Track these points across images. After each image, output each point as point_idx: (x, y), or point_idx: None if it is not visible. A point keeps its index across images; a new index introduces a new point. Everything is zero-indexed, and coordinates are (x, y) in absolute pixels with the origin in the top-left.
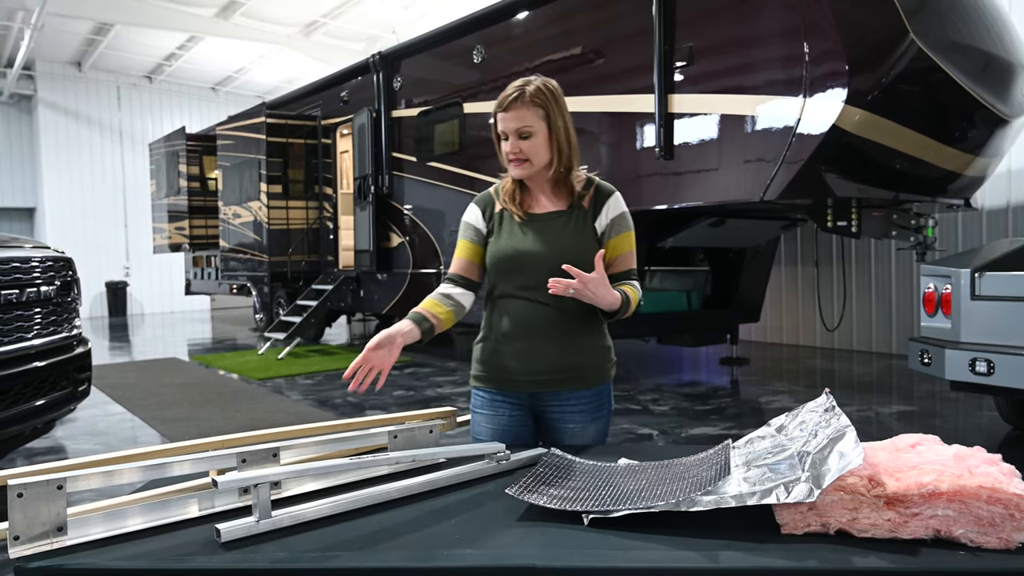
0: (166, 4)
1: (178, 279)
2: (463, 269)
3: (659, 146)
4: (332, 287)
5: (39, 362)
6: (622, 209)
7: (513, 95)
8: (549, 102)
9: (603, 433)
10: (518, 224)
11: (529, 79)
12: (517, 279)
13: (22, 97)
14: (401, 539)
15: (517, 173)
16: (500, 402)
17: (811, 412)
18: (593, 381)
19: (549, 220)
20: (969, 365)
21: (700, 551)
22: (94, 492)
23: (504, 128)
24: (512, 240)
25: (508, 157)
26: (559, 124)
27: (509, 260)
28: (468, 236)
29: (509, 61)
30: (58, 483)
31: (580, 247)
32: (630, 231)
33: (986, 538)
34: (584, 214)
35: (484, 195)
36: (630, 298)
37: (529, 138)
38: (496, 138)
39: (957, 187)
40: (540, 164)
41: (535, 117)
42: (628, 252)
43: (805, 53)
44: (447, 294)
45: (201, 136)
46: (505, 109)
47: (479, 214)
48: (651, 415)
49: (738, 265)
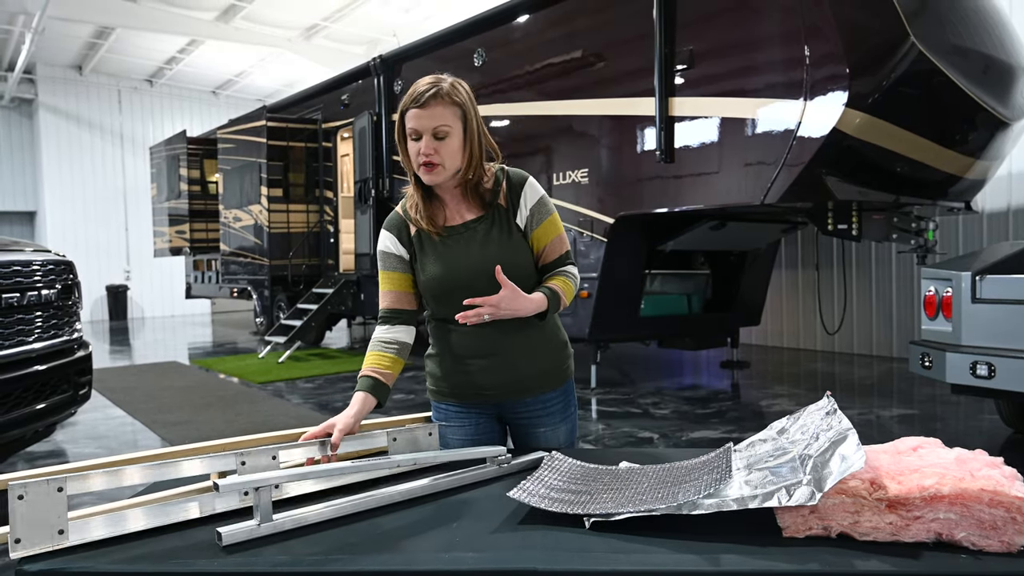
0: (167, 8)
1: (179, 283)
2: (395, 302)
3: (660, 149)
4: (333, 291)
5: (40, 366)
6: (539, 195)
7: (430, 91)
8: (466, 101)
9: (573, 433)
10: (439, 242)
11: (442, 76)
12: (454, 302)
13: (23, 101)
14: (402, 542)
15: (428, 179)
16: (465, 414)
17: (812, 415)
18: (558, 381)
19: (469, 231)
20: (970, 368)
21: (702, 554)
22: (95, 495)
23: (417, 126)
24: (437, 264)
25: (420, 160)
26: (474, 126)
27: (440, 286)
28: (390, 266)
29: (510, 64)
30: (58, 485)
31: (509, 252)
32: (552, 215)
33: (988, 541)
34: (504, 213)
35: (392, 218)
36: (557, 292)
37: (445, 139)
38: (401, 139)
39: (958, 190)
40: (453, 169)
41: (452, 116)
42: (556, 238)
43: (806, 56)
44: (386, 340)
45: (202, 140)
46: (421, 106)
47: (394, 240)
48: (652, 419)
49: (739, 268)
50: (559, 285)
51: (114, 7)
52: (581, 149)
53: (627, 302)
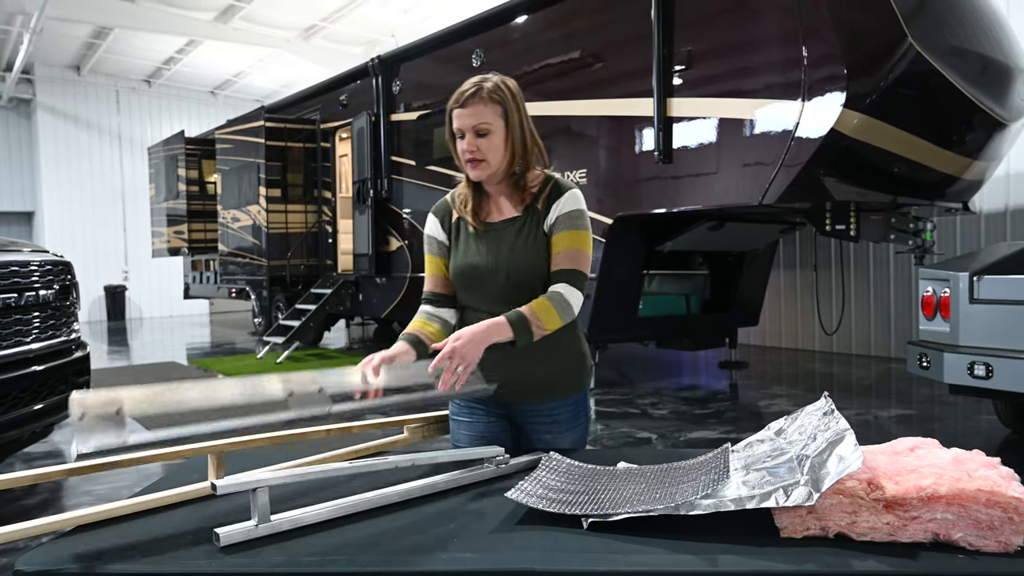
0: (165, 8)
1: (177, 283)
2: (437, 286)
3: (658, 150)
4: (331, 291)
5: (37, 366)
6: (575, 207)
7: (470, 91)
8: (508, 99)
9: (581, 442)
10: (473, 235)
11: (487, 76)
12: (476, 294)
13: (21, 101)
14: (400, 543)
15: (474, 174)
16: (477, 409)
17: (810, 416)
18: (568, 391)
19: (503, 229)
20: (968, 369)
21: (699, 555)
22: (94, 496)
23: (460, 125)
24: (467, 254)
25: (464, 156)
26: (516, 122)
27: (466, 276)
28: (433, 250)
29: (508, 65)
30: (117, 407)
31: (531, 257)
32: (579, 230)
33: (985, 541)
34: (537, 216)
35: (441, 203)
36: (525, 316)
37: (486, 136)
38: (450, 137)
39: (955, 191)
40: (497, 165)
41: (493, 114)
42: (568, 250)
43: (803, 57)
44: (431, 313)
45: (200, 140)
46: (462, 105)
47: (438, 225)
48: (650, 419)
49: (737, 269)
50: (534, 309)
51: (112, 7)
52: (579, 149)
53: (625, 302)
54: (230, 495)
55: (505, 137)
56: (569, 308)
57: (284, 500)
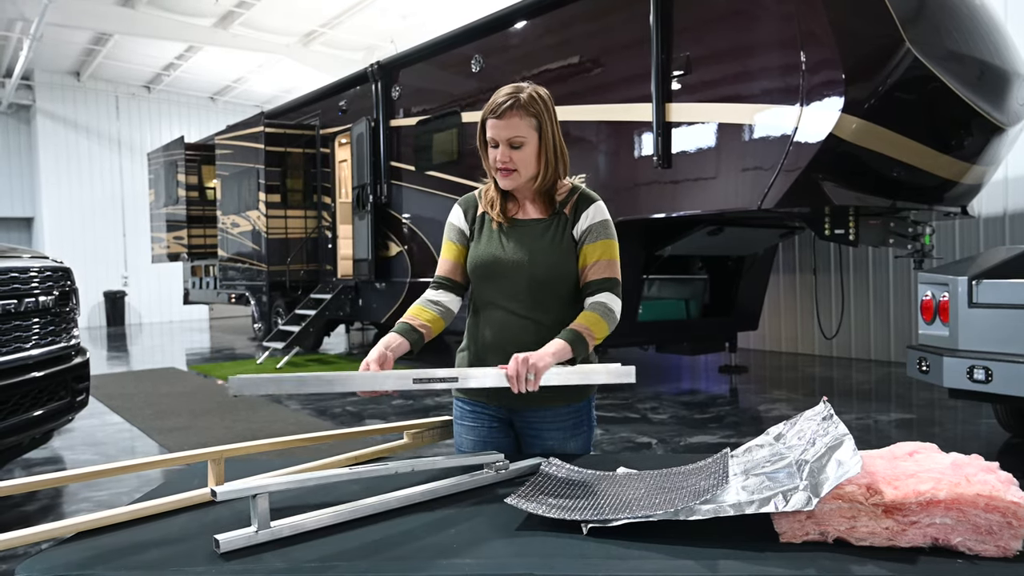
0: (165, 14)
1: (176, 289)
2: (449, 271)
3: (657, 155)
4: (331, 296)
5: (37, 372)
6: (603, 217)
7: (507, 103)
8: (542, 111)
9: (584, 449)
10: (497, 230)
11: (521, 86)
12: (495, 287)
13: (21, 107)
14: (400, 549)
15: (505, 184)
16: (481, 413)
17: (809, 420)
18: (572, 398)
19: (529, 227)
20: (967, 373)
21: (699, 560)
22: (94, 503)
23: (495, 136)
24: (490, 246)
25: (496, 166)
26: (549, 134)
27: (487, 267)
28: (452, 237)
29: (507, 70)
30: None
31: (558, 256)
32: (609, 240)
33: (984, 546)
34: (564, 222)
35: (468, 196)
36: (581, 333)
37: (520, 148)
38: (482, 144)
39: (954, 195)
40: (528, 175)
41: (528, 127)
42: (602, 260)
43: (802, 62)
44: (432, 300)
45: (200, 145)
46: (498, 116)
47: (461, 215)
48: (650, 424)
49: (736, 273)
50: (586, 324)
51: (112, 14)
52: (578, 155)
53: (625, 307)
54: (230, 501)
55: (538, 149)
56: (614, 316)
57: (284, 506)
